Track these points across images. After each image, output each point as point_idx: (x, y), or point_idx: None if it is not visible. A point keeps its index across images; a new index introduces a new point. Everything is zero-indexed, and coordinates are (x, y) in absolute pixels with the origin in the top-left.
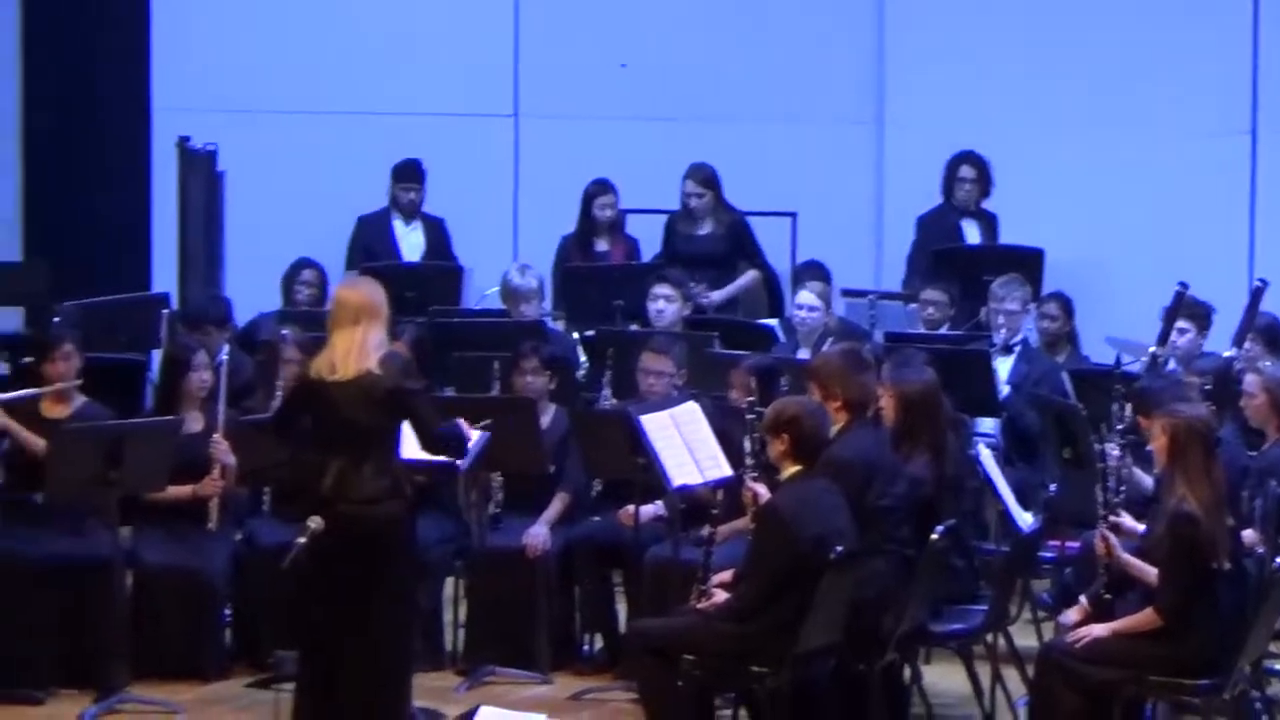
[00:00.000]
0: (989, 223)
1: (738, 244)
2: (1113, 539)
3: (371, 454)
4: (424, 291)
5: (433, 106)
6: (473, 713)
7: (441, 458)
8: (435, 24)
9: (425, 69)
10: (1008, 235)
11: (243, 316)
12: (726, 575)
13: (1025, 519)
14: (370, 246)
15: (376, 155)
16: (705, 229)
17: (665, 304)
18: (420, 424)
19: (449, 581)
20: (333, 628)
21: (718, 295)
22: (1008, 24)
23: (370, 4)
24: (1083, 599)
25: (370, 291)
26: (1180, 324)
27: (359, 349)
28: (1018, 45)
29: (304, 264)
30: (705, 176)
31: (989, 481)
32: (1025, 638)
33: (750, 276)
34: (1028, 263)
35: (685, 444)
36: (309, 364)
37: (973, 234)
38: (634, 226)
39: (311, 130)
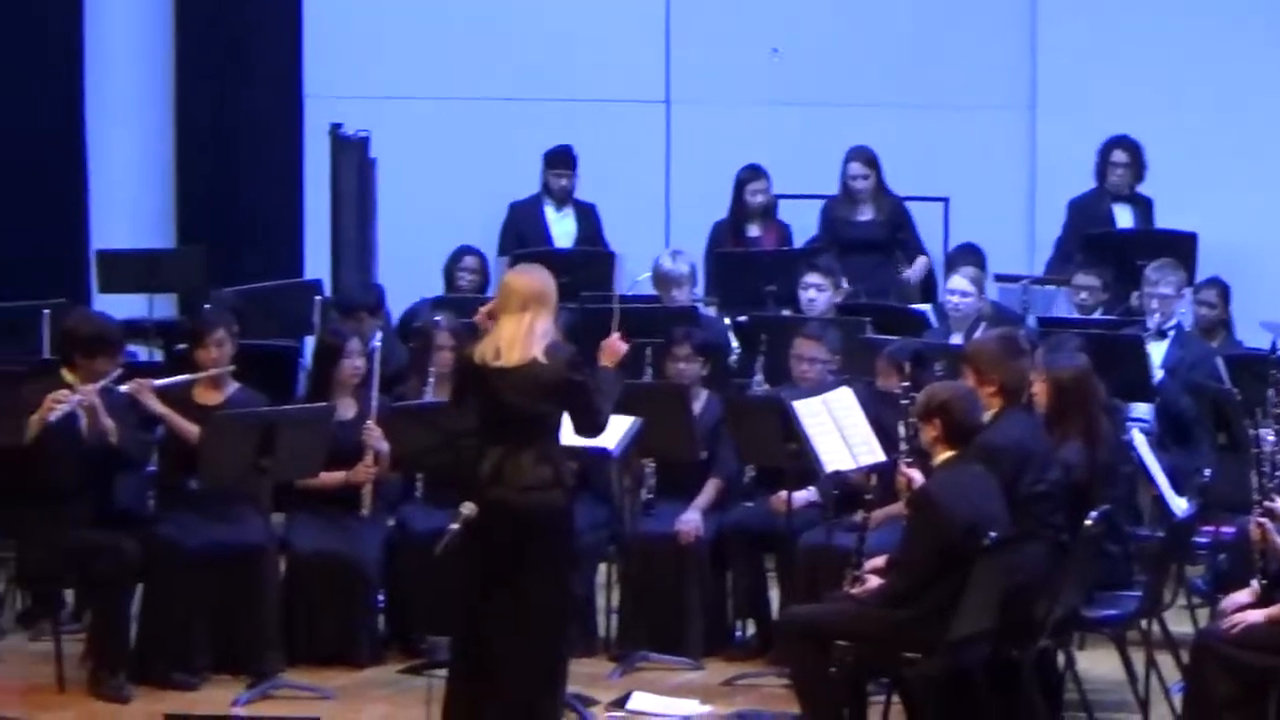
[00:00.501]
0: (1143, 207)
1: (897, 231)
2: (1268, 525)
3: (533, 442)
4: (575, 278)
5: (584, 93)
6: (625, 698)
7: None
8: (587, 10)
9: (577, 55)
10: (1162, 219)
11: (395, 303)
12: (880, 561)
13: (1179, 504)
14: (522, 233)
15: (528, 141)
16: (866, 214)
17: (816, 293)
18: (581, 415)
19: (601, 567)
20: (487, 614)
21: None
22: (1161, 7)
23: None
24: (1255, 582)
25: (540, 279)
26: None
27: (525, 336)
28: (1171, 28)
29: (466, 251)
30: (868, 158)
31: (1143, 467)
32: (1180, 624)
33: (923, 263)
34: (1181, 247)
35: (838, 429)
36: (472, 348)
37: (1125, 219)
38: (786, 212)
39: (463, 116)
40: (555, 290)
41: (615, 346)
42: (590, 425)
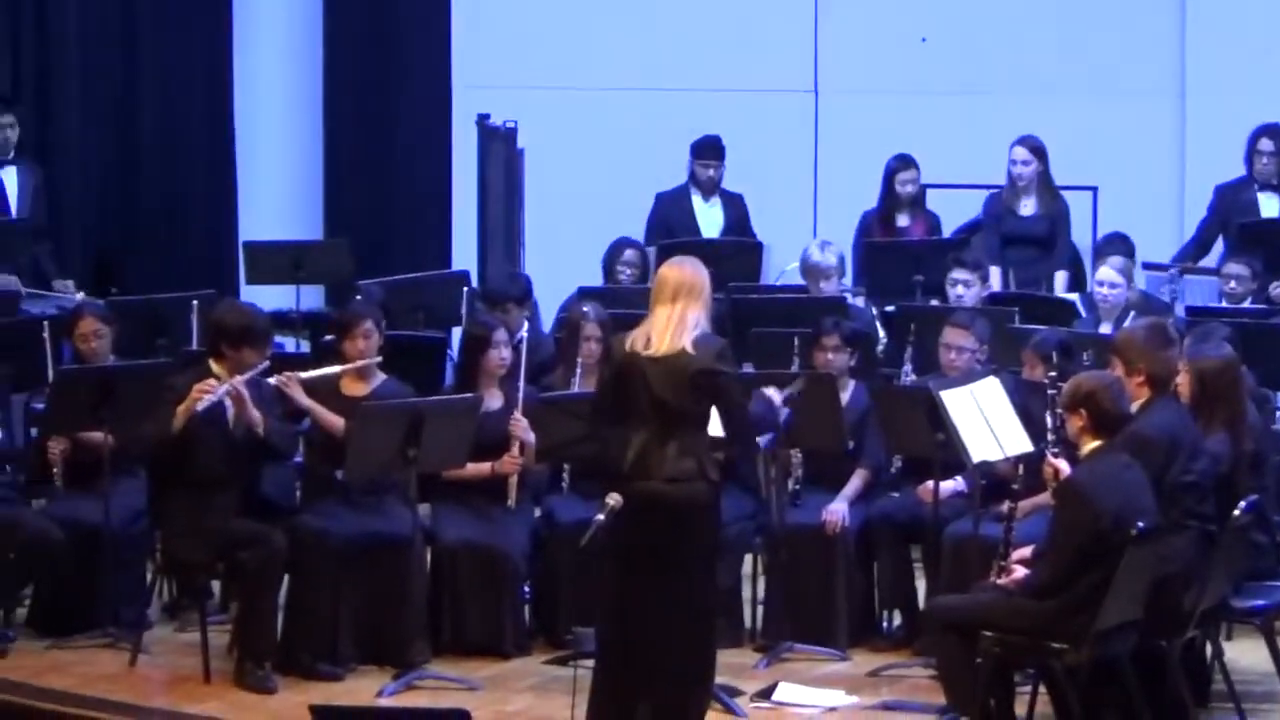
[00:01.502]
0: None
1: (1056, 232)
2: None
3: (677, 433)
4: (723, 268)
5: (732, 83)
6: (771, 689)
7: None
8: (735, 0)
9: (725, 45)
10: None
11: (542, 293)
12: (1026, 551)
13: None
14: (669, 223)
15: (676, 131)
16: (1030, 209)
17: (964, 289)
18: (727, 409)
19: (747, 558)
20: (635, 606)
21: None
22: None
23: None
24: None
25: (693, 271)
26: None
27: (676, 326)
28: None
29: (626, 244)
30: (1034, 146)
31: None
32: None
33: (1062, 279)
34: None
35: (986, 420)
36: (623, 338)
37: (1271, 207)
38: (934, 201)
39: (611, 107)
40: (708, 282)
41: None
42: (733, 423)
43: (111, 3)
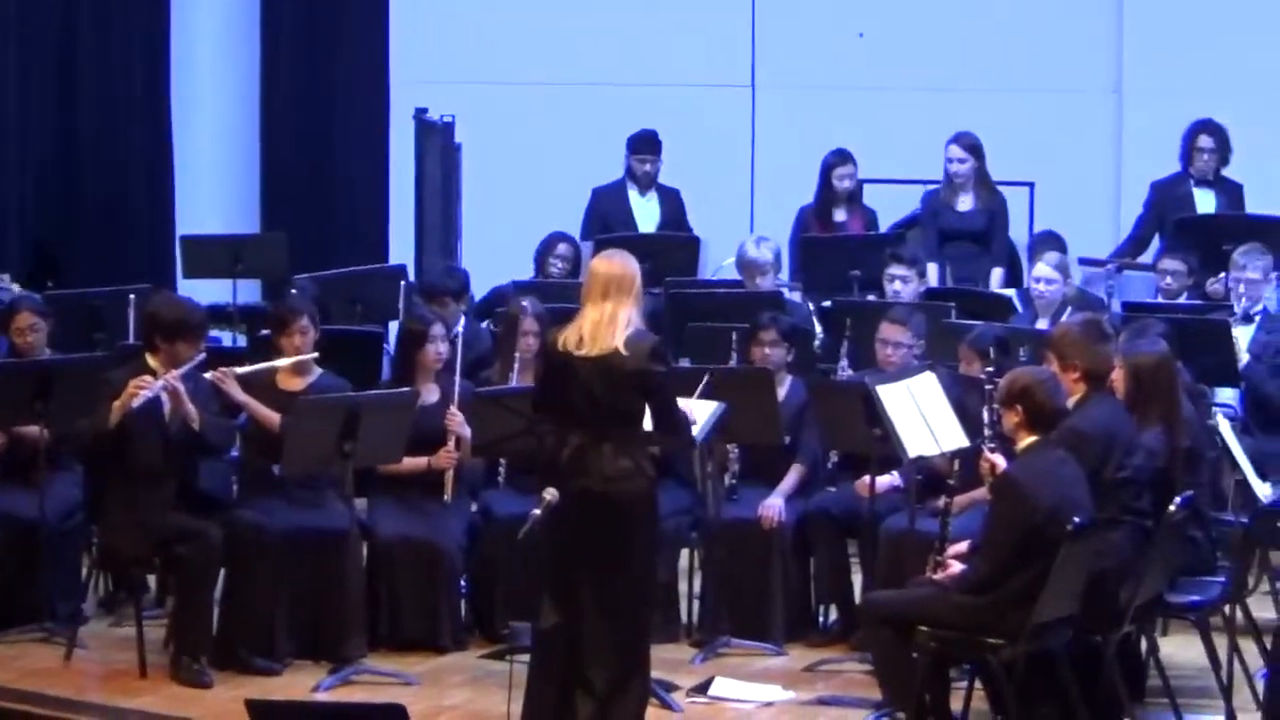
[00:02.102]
0: (1230, 191)
1: (993, 228)
2: None
3: (612, 431)
4: (660, 262)
5: (669, 78)
6: (707, 684)
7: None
8: None
9: (661, 40)
10: (1248, 203)
11: (479, 288)
12: (963, 546)
13: (1264, 490)
14: (606, 218)
15: (613, 126)
16: (967, 205)
17: (901, 284)
18: (660, 408)
19: (684, 553)
20: (572, 600)
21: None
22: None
23: None
24: None
25: (623, 265)
26: None
27: (607, 326)
28: (1260, 10)
29: (559, 238)
30: (969, 143)
31: (1227, 452)
32: (1263, 610)
33: (998, 275)
34: (1269, 231)
35: (922, 415)
36: (556, 335)
37: (1206, 203)
38: (871, 197)
39: (548, 101)
40: (639, 276)
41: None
42: (667, 422)
43: (49, 2)
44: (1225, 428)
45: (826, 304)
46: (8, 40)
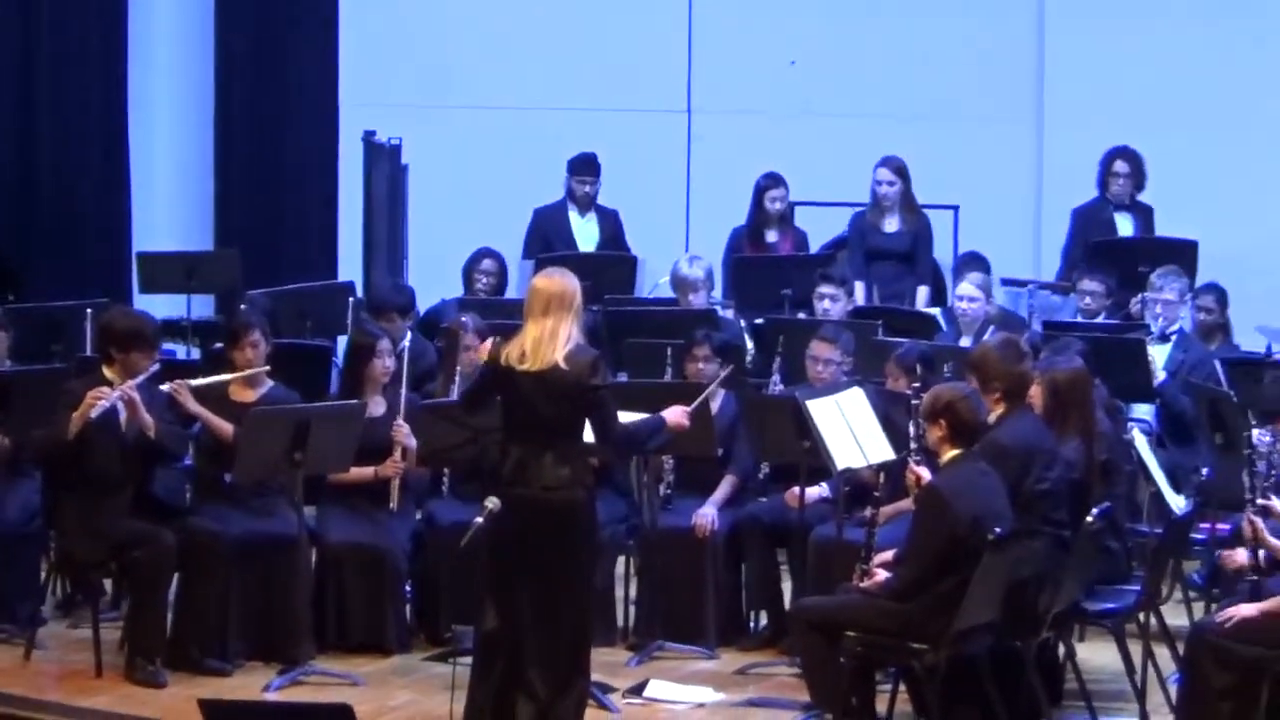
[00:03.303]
0: (1144, 215)
1: (918, 248)
2: (1259, 522)
3: (553, 443)
4: (598, 281)
5: (608, 102)
6: (642, 686)
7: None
8: (612, 23)
9: (601, 66)
10: (1163, 227)
11: (425, 304)
12: (888, 555)
13: (1178, 502)
14: (547, 237)
15: (553, 149)
16: (894, 226)
17: (830, 303)
18: (599, 423)
19: (620, 560)
20: (514, 605)
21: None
22: (1162, 24)
23: (548, 6)
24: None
25: (563, 282)
26: None
27: (548, 342)
28: (1173, 44)
29: (484, 254)
30: (897, 167)
31: (1142, 465)
32: (1176, 617)
33: (923, 294)
34: (1183, 254)
35: (850, 428)
36: (500, 349)
37: (1126, 226)
38: (802, 219)
39: (491, 125)
40: (578, 293)
41: (678, 419)
42: (605, 435)
43: (8, 22)
44: (1141, 442)
45: (759, 321)
46: None
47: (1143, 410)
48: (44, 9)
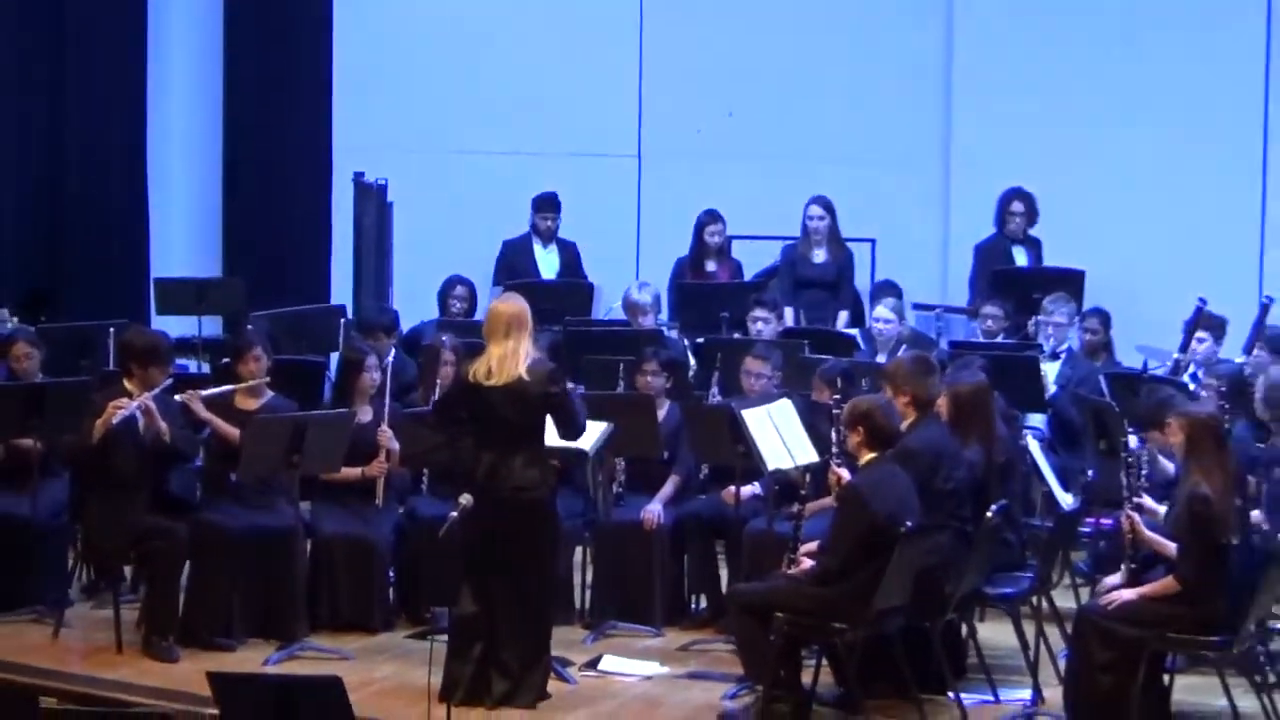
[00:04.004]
0: (1036, 248)
1: (842, 277)
2: (1136, 518)
3: (521, 447)
4: (559, 305)
5: (567, 148)
6: (597, 660)
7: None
8: (571, 78)
9: (562, 116)
10: (1054, 259)
11: (407, 325)
12: (812, 546)
13: (1066, 500)
14: (513, 266)
15: (520, 188)
16: (821, 257)
17: (763, 324)
18: (563, 420)
19: (578, 550)
20: (486, 589)
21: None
22: (1053, 82)
23: (516, 63)
24: (1125, 566)
25: (519, 306)
26: (1199, 334)
27: (511, 358)
28: (1062, 98)
29: (457, 281)
30: (825, 204)
31: (1035, 468)
32: (1065, 600)
33: (844, 317)
34: (1072, 282)
35: (779, 434)
36: (468, 368)
37: (1021, 258)
38: (738, 250)
39: (465, 167)
40: (530, 315)
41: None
42: (570, 430)
43: (39, 74)
44: (1034, 447)
45: (699, 340)
46: (7, 112)
47: (1036, 419)
48: (69, 65)
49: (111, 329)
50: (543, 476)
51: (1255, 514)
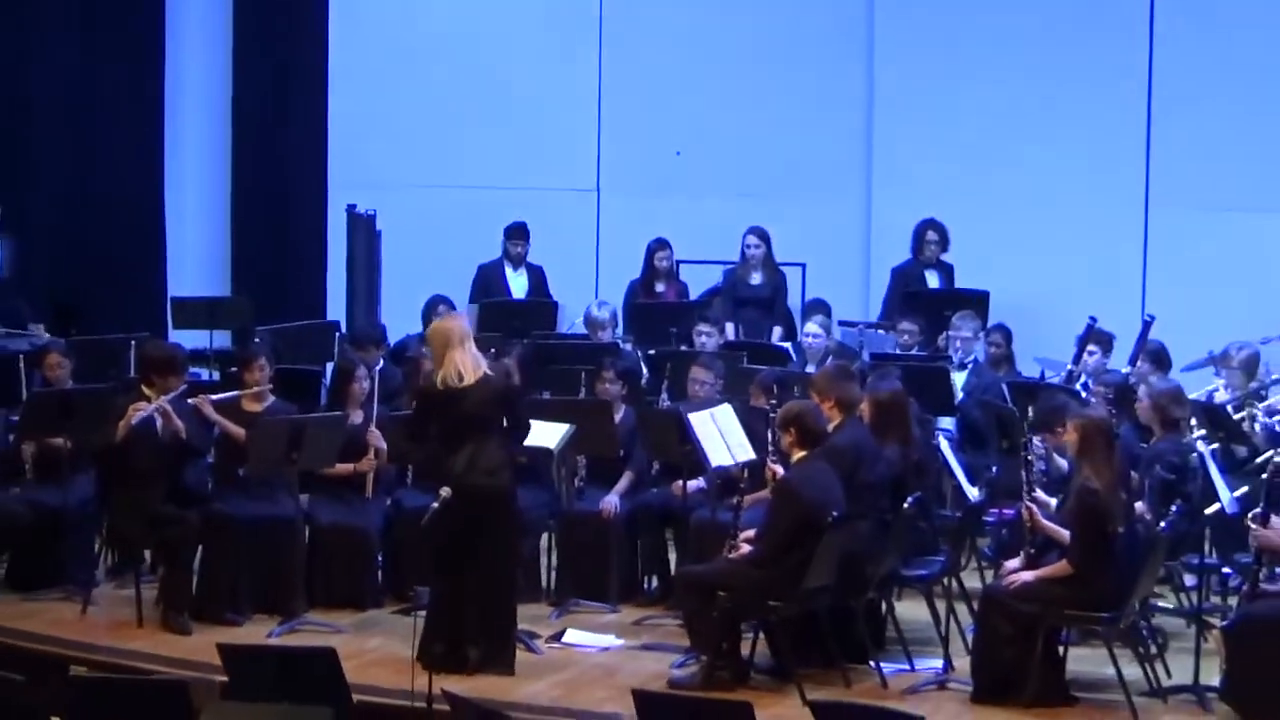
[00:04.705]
0: (947, 272)
1: (776, 296)
2: (1034, 509)
3: (491, 439)
4: (527, 321)
5: (535, 183)
6: (560, 634)
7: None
8: (538, 123)
9: (530, 155)
10: (963, 280)
11: (394, 338)
12: (750, 533)
13: (973, 493)
14: (488, 287)
15: (493, 219)
16: (758, 280)
17: (707, 338)
18: (515, 415)
19: (544, 536)
20: (461, 571)
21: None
22: (964, 124)
23: (490, 109)
24: (1024, 551)
25: (459, 319)
26: (1090, 348)
27: (472, 361)
28: (972, 138)
29: (439, 300)
30: (761, 233)
31: (946, 465)
32: (972, 581)
33: (778, 332)
34: (978, 301)
35: (721, 435)
36: (433, 380)
37: (933, 281)
38: (684, 273)
39: (445, 199)
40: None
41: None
42: (521, 425)
43: (70, 121)
44: (945, 446)
45: (651, 352)
46: (44, 156)
47: (946, 422)
48: (97, 116)
49: (133, 341)
50: (509, 460)
51: (1139, 505)
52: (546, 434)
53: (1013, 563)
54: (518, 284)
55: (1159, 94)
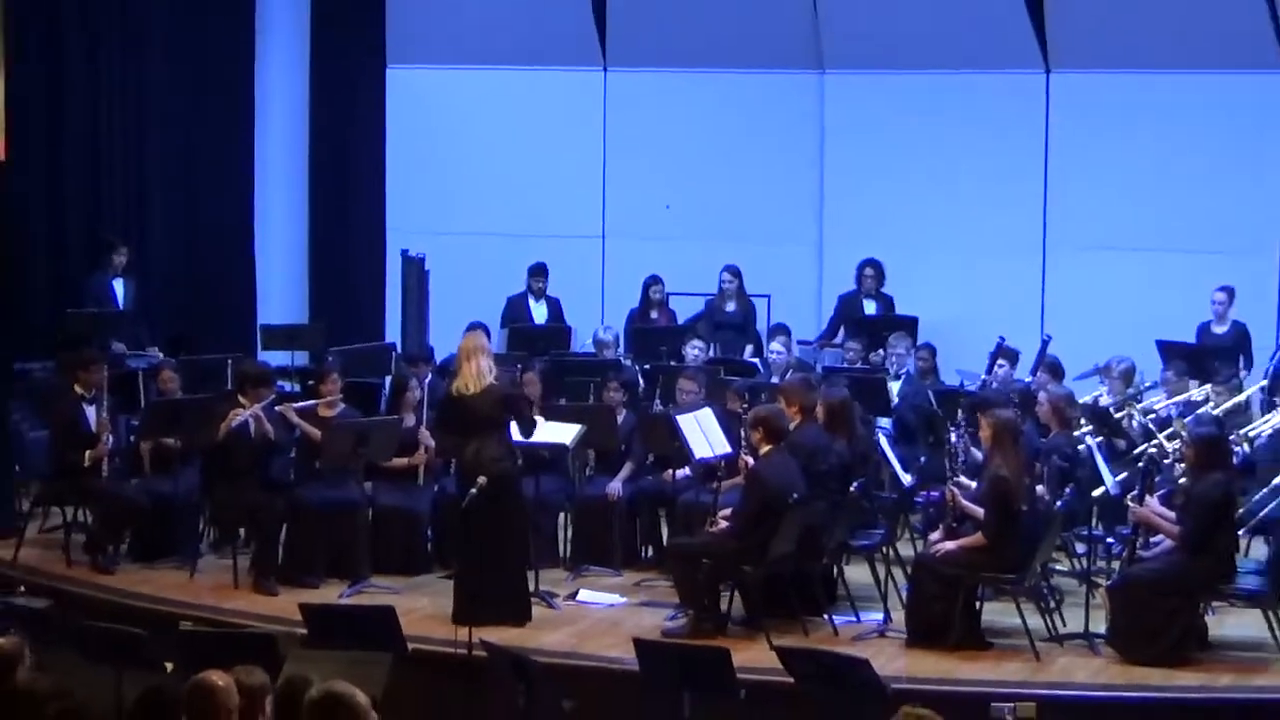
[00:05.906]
0: (885, 300)
1: (747, 321)
2: (957, 492)
3: (495, 436)
4: (547, 342)
5: (554, 230)
6: (575, 593)
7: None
8: (554, 184)
9: (548, 207)
10: (901, 307)
11: (440, 356)
12: (727, 512)
13: (906, 478)
14: (514, 315)
15: (519, 260)
16: (732, 308)
17: (697, 352)
18: (518, 415)
19: (561, 515)
20: (484, 540)
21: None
22: (897, 178)
23: (515, 171)
24: (944, 525)
25: (479, 336)
26: (1000, 362)
27: (482, 373)
28: (908, 190)
29: (476, 325)
30: (734, 270)
31: (884, 456)
32: (906, 549)
33: (749, 350)
34: (909, 325)
35: (704, 433)
36: (452, 388)
37: (871, 307)
38: (674, 303)
39: (480, 244)
40: (484, 341)
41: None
42: (527, 425)
43: (177, 181)
44: (883, 441)
45: (647, 367)
46: (154, 206)
47: (884, 421)
48: (199, 170)
49: (230, 360)
50: (510, 452)
51: (1039, 489)
52: (562, 433)
53: (938, 534)
54: (539, 313)
55: (1054, 163)
